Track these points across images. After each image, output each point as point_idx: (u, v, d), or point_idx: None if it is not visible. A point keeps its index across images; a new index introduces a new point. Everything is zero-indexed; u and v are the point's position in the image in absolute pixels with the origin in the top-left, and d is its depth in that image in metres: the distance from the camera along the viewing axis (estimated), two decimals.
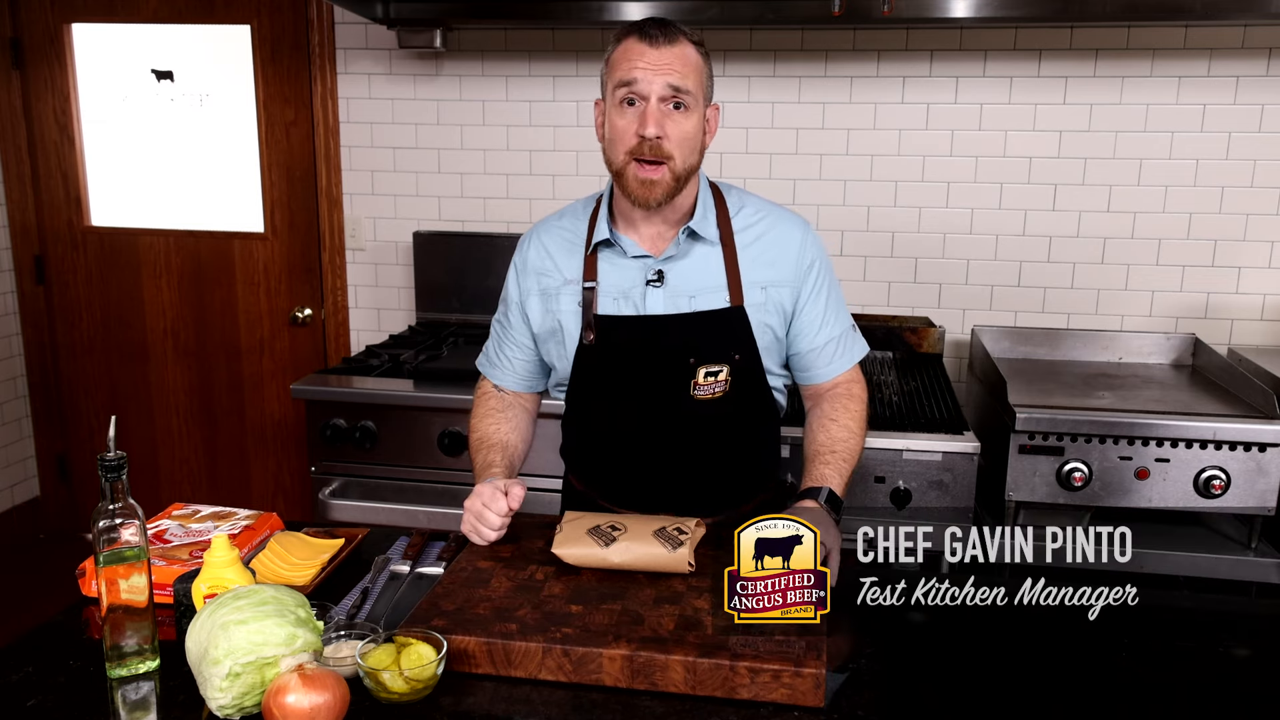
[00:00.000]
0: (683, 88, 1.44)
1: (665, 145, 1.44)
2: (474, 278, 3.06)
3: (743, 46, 2.88)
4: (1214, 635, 1.32)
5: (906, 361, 2.79)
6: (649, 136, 1.43)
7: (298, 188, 3.27)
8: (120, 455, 1.18)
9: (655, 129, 1.43)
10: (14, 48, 3.34)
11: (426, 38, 2.91)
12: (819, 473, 1.50)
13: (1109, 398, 2.34)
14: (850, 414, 1.57)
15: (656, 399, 1.54)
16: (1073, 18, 2.62)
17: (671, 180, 1.47)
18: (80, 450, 3.65)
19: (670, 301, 1.53)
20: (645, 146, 1.44)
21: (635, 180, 1.46)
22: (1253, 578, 2.19)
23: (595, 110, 1.55)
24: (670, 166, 1.46)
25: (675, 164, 1.46)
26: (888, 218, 2.91)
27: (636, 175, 1.46)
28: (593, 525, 1.38)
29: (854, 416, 1.57)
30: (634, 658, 1.14)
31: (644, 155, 1.44)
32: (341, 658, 1.16)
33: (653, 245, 1.55)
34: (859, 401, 1.60)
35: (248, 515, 1.59)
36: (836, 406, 1.58)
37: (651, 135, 1.43)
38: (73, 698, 1.15)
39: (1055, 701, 1.18)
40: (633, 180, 1.46)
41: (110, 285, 3.46)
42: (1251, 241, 2.77)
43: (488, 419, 1.67)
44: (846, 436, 1.55)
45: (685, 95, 1.45)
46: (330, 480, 2.54)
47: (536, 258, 1.62)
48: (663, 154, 1.44)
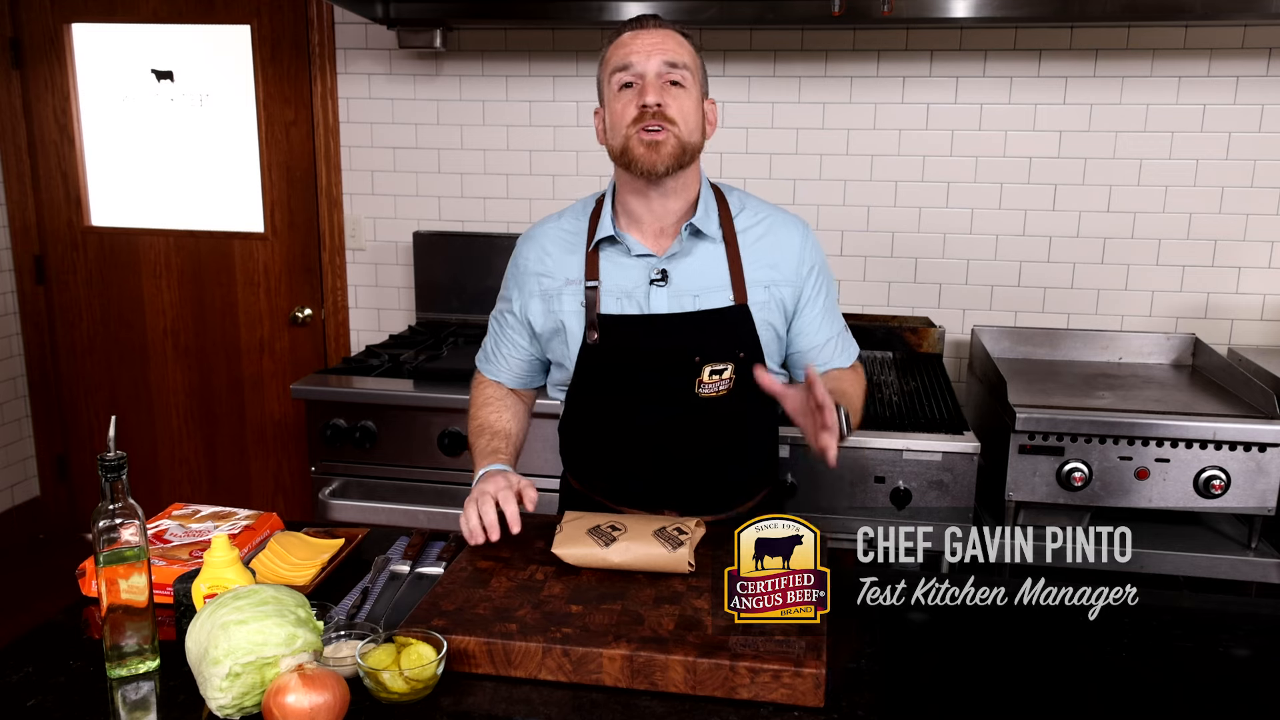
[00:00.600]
0: (678, 62, 1.46)
1: (667, 112, 1.45)
2: (474, 278, 3.06)
3: (743, 46, 2.88)
4: (1214, 635, 1.32)
5: (906, 361, 2.79)
6: (650, 104, 1.44)
7: (298, 188, 3.27)
8: (120, 455, 1.18)
9: (655, 97, 1.45)
10: (14, 48, 3.34)
11: (426, 38, 2.91)
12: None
13: (1109, 398, 2.34)
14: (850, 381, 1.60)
15: (661, 397, 1.54)
16: (1073, 18, 2.61)
17: (677, 144, 1.47)
18: (80, 450, 3.65)
19: (674, 300, 1.53)
20: (647, 114, 1.45)
21: (640, 144, 1.46)
22: (1253, 578, 2.19)
23: (595, 119, 1.56)
24: (674, 131, 1.46)
25: (679, 129, 1.46)
26: (888, 218, 2.91)
27: (640, 139, 1.46)
28: (593, 525, 1.38)
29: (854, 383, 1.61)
30: (634, 658, 1.14)
31: (647, 124, 1.45)
32: (341, 658, 1.16)
33: (656, 244, 1.55)
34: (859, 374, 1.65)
35: (248, 515, 1.59)
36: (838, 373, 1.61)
37: (652, 103, 1.44)
38: (73, 698, 1.15)
39: (1055, 701, 1.18)
40: (637, 146, 1.46)
41: (110, 285, 3.46)
42: (1251, 241, 2.77)
43: (488, 407, 1.68)
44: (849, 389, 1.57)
45: (681, 70, 1.46)
46: (330, 480, 2.54)
47: (536, 260, 1.62)
48: (666, 118, 1.45)
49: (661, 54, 1.46)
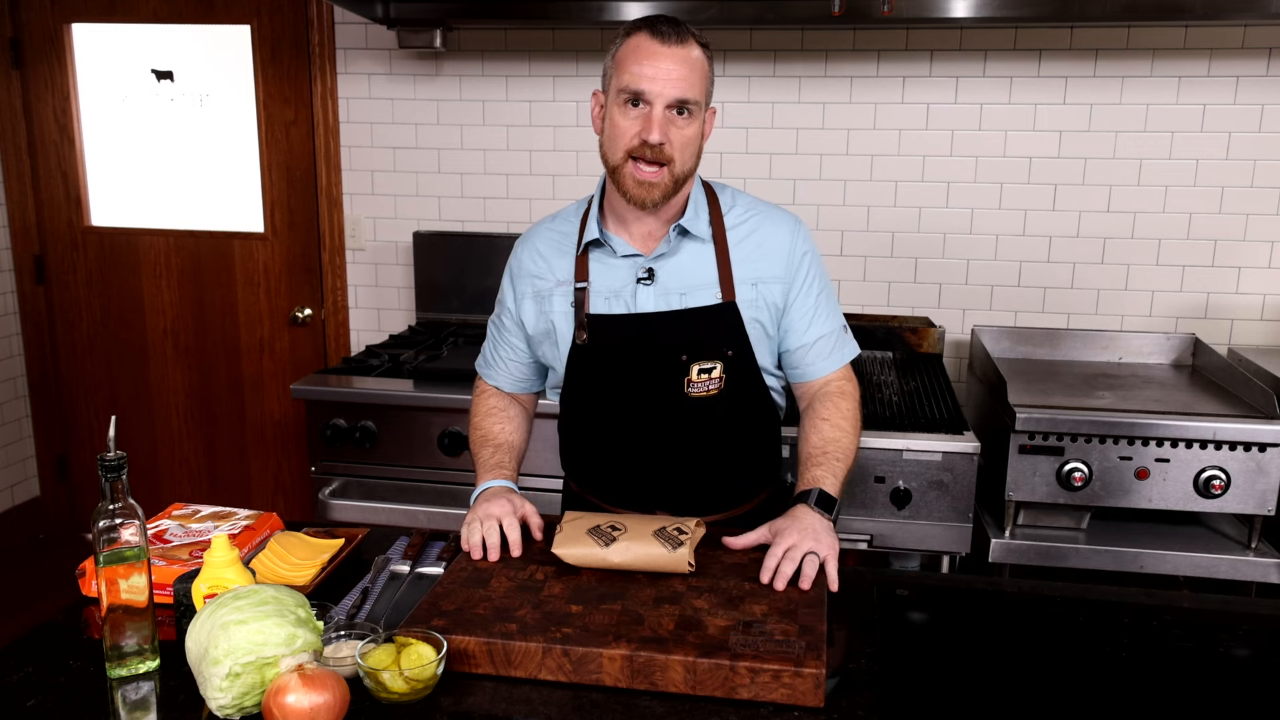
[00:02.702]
0: (689, 98, 1.44)
1: (667, 149, 1.44)
2: (474, 278, 3.06)
3: (743, 46, 2.88)
4: (1214, 635, 1.32)
5: (906, 361, 2.79)
6: (652, 143, 1.43)
7: (298, 188, 3.27)
8: (120, 455, 1.18)
9: (659, 135, 1.43)
10: (14, 48, 3.34)
11: (426, 38, 2.91)
12: (810, 475, 1.50)
13: (1109, 398, 2.34)
14: (842, 413, 1.57)
15: (650, 397, 1.54)
16: (1073, 18, 2.61)
17: (670, 182, 1.47)
18: (80, 450, 3.65)
19: (661, 299, 1.53)
20: (646, 150, 1.44)
21: (633, 181, 1.46)
22: (1253, 578, 2.19)
23: (593, 101, 1.54)
24: (670, 169, 1.46)
25: (675, 167, 1.46)
26: (888, 218, 2.91)
27: (634, 176, 1.46)
28: (593, 525, 1.38)
29: (846, 415, 1.57)
30: (634, 658, 1.14)
31: (644, 156, 1.44)
32: (341, 658, 1.16)
33: (643, 244, 1.55)
34: (851, 399, 1.60)
35: (248, 515, 1.59)
36: (828, 406, 1.58)
37: (655, 142, 1.43)
38: (73, 698, 1.15)
39: (1055, 701, 1.18)
40: (630, 180, 1.46)
41: (110, 285, 3.46)
42: (1251, 241, 2.77)
43: (491, 417, 1.68)
44: (839, 436, 1.55)
45: (691, 105, 1.45)
46: (330, 480, 2.54)
47: (530, 261, 1.62)
48: (664, 157, 1.45)
49: (675, 88, 1.42)
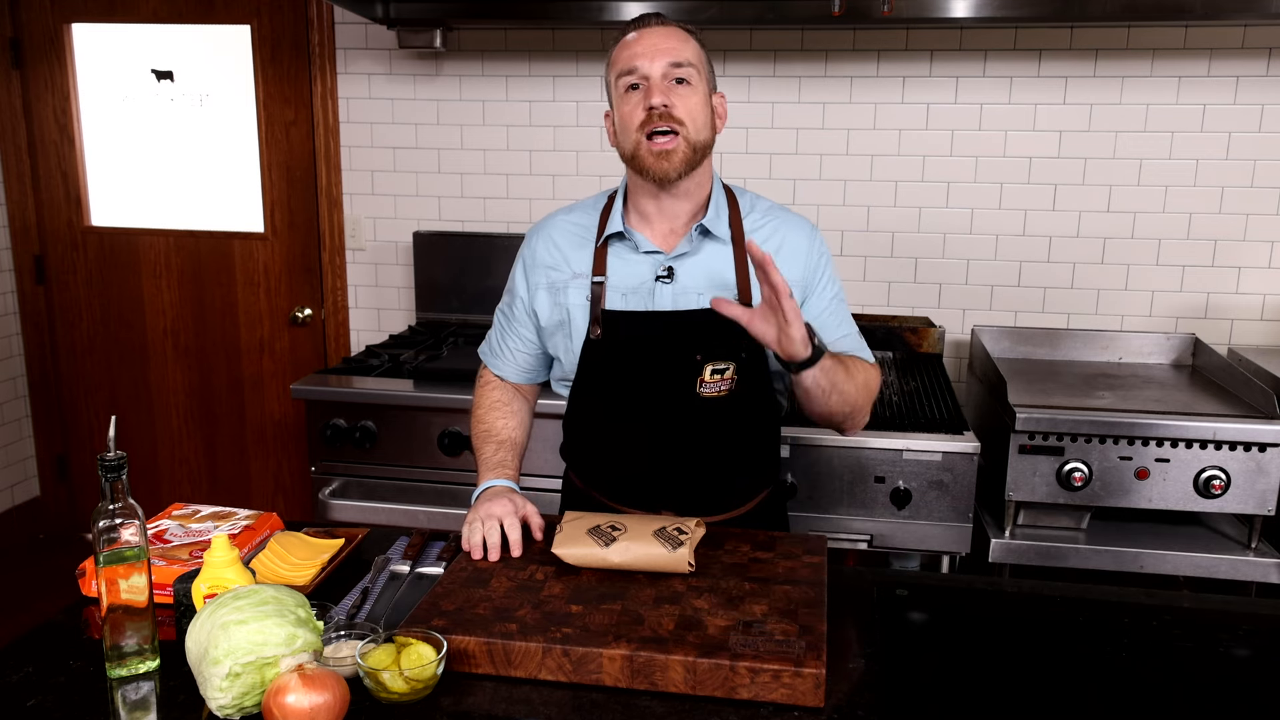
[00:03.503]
0: (682, 60, 1.47)
1: (674, 112, 1.45)
2: (474, 278, 3.06)
3: (743, 46, 2.88)
4: (1214, 635, 1.32)
5: (906, 361, 2.79)
6: (656, 105, 1.45)
7: (298, 188, 3.27)
8: (120, 455, 1.18)
9: (661, 97, 1.45)
10: (14, 48, 3.34)
11: (426, 38, 2.91)
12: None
13: (1109, 398, 2.34)
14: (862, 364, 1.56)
15: (662, 395, 1.54)
16: (1073, 18, 2.61)
17: (687, 149, 1.47)
18: (80, 450, 3.65)
19: (679, 298, 1.53)
20: (654, 115, 1.45)
21: (650, 154, 1.47)
22: (1253, 578, 2.19)
23: (605, 122, 1.58)
24: (683, 134, 1.46)
25: (688, 131, 1.47)
26: (888, 218, 2.91)
27: (650, 149, 1.47)
28: (593, 525, 1.38)
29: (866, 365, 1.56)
30: (634, 658, 1.14)
31: (655, 126, 1.45)
32: (341, 658, 1.16)
33: (665, 241, 1.56)
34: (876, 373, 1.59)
35: (248, 515, 1.59)
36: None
37: (658, 104, 1.45)
38: (73, 698, 1.15)
39: (1055, 701, 1.18)
40: (648, 156, 1.47)
41: (110, 285, 3.46)
42: (1251, 241, 2.77)
43: (495, 410, 1.68)
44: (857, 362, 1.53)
45: (686, 69, 1.47)
46: (330, 480, 2.54)
47: (545, 252, 1.63)
48: (673, 119, 1.45)
49: (665, 55, 1.46)
